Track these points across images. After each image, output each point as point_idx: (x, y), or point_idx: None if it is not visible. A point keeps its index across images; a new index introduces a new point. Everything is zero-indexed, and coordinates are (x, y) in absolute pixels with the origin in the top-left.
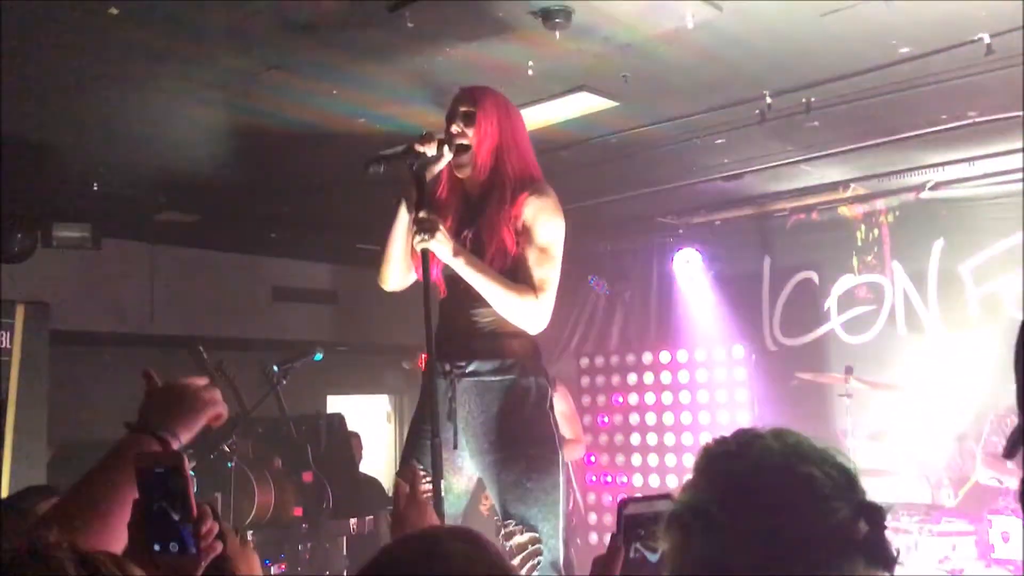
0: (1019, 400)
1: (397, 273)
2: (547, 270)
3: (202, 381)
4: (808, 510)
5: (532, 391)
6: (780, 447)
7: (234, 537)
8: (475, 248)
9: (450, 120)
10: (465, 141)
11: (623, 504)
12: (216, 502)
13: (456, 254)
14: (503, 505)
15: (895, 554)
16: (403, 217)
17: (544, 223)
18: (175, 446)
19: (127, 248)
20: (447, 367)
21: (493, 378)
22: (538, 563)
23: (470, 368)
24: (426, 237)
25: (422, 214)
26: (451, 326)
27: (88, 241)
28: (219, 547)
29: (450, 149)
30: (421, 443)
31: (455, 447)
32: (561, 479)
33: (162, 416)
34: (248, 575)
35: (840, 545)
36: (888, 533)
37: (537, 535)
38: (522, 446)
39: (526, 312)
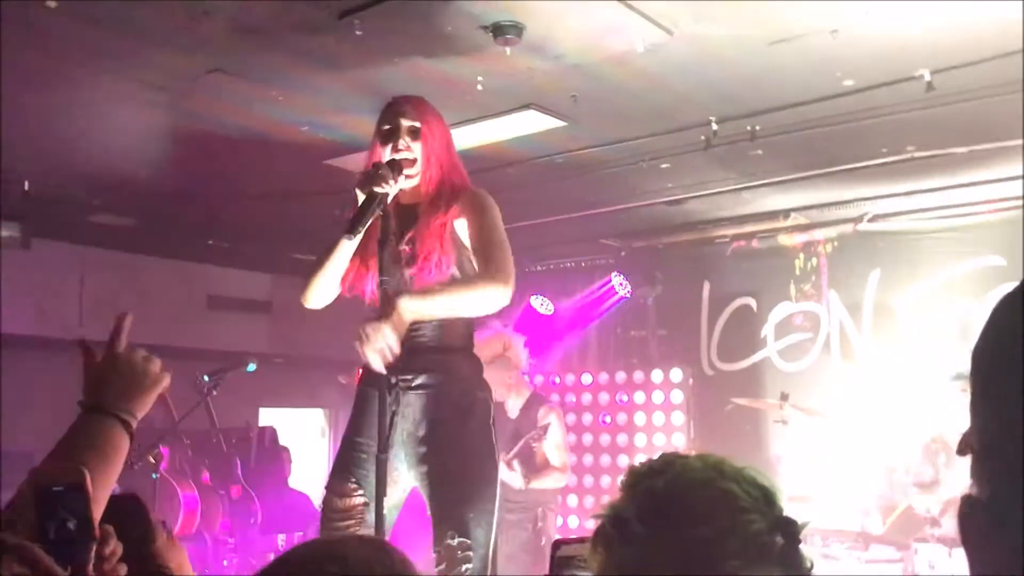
0: (971, 405)
1: (325, 295)
2: (501, 253)
3: (143, 352)
4: (724, 521)
5: (476, 404)
6: (701, 465)
7: (160, 532)
8: (412, 258)
9: (393, 134)
10: (410, 155)
11: (556, 546)
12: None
13: (410, 309)
14: (438, 511)
15: (810, 566)
16: (347, 251)
17: (480, 212)
18: (134, 426)
19: (57, 250)
20: (392, 380)
21: (438, 391)
22: (467, 570)
23: (416, 382)
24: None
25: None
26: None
27: (17, 241)
28: (123, 570)
29: (399, 171)
30: (355, 457)
31: (407, 465)
32: (497, 488)
33: (117, 394)
34: (177, 569)
35: (755, 555)
36: (817, 558)
37: (468, 541)
38: (461, 455)
39: (496, 301)
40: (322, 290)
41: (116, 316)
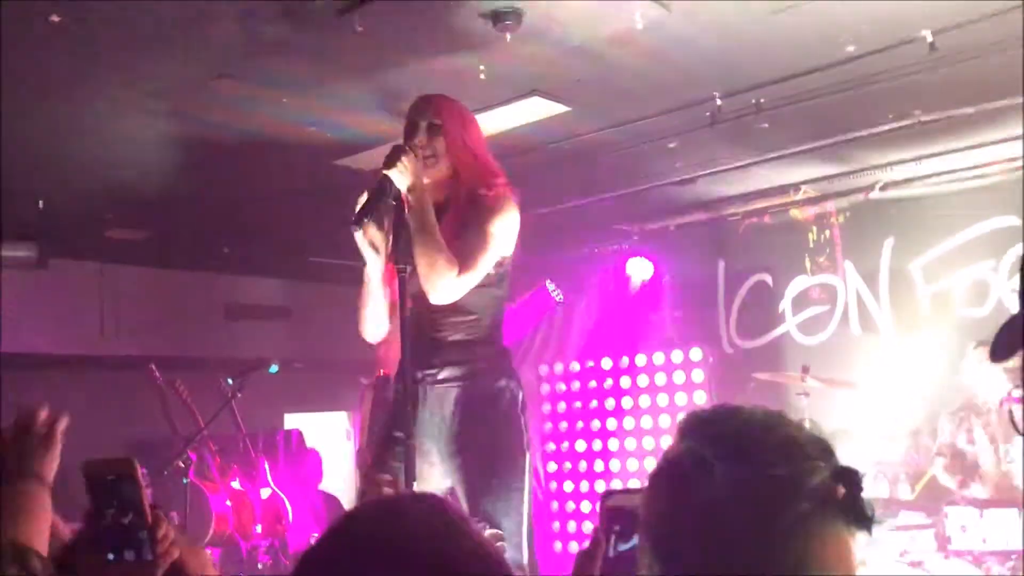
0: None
1: (380, 322)
2: (477, 252)
3: (43, 414)
4: (795, 463)
5: (504, 394)
6: (762, 414)
7: (183, 538)
8: None
9: (412, 132)
10: (428, 151)
11: (605, 496)
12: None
13: (412, 190)
14: (470, 503)
15: (872, 514)
16: (376, 271)
17: (489, 210)
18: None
19: (76, 267)
20: (418, 375)
21: (464, 383)
22: None
23: (441, 375)
24: (389, 164)
25: (396, 144)
26: (419, 336)
27: (34, 260)
28: (176, 552)
29: (416, 156)
30: (392, 451)
31: (441, 459)
32: (527, 481)
33: (38, 461)
34: (200, 569)
35: (822, 502)
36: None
37: (500, 532)
38: (491, 447)
39: (441, 281)
40: (374, 320)
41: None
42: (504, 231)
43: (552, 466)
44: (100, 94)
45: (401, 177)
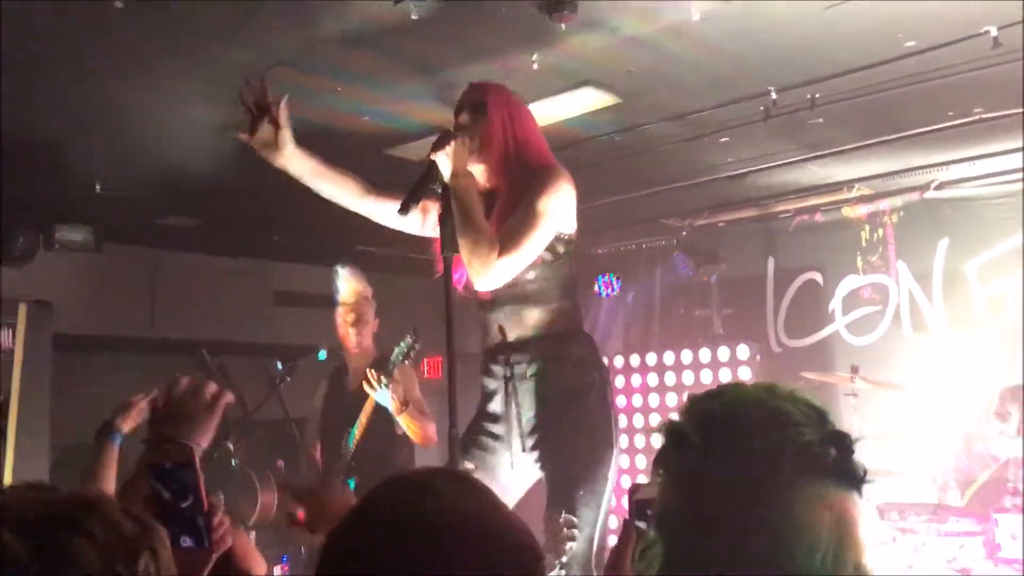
0: None
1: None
2: (521, 232)
3: (207, 387)
4: (777, 433)
5: (589, 385)
6: (754, 389)
7: (241, 533)
8: None
9: (456, 114)
10: (474, 136)
11: (634, 490)
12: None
13: (456, 175)
14: (551, 491)
15: (863, 474)
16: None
17: (536, 187)
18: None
19: (130, 252)
20: (507, 372)
21: (551, 377)
22: (570, 548)
23: (530, 371)
24: (436, 149)
25: (444, 129)
26: (496, 330)
27: (90, 244)
28: (230, 540)
29: (463, 142)
30: (476, 441)
31: (524, 450)
32: (611, 473)
33: (185, 428)
34: (255, 572)
35: (808, 465)
36: (895, 532)
37: (574, 519)
38: (579, 440)
39: (480, 266)
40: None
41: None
42: (555, 207)
43: None
44: (160, 80)
45: (448, 162)
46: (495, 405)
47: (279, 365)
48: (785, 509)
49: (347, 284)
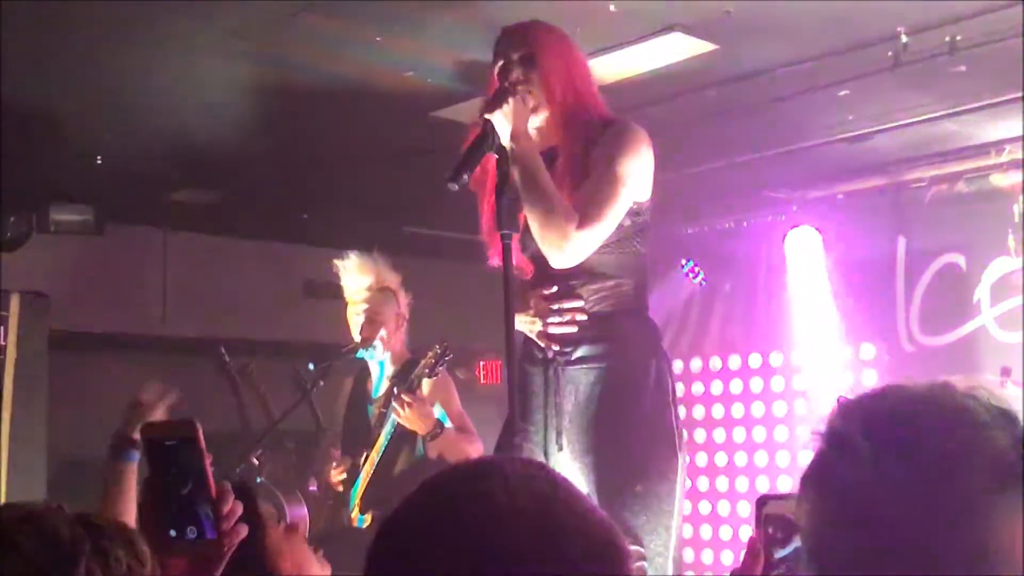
0: None
1: None
2: (602, 200)
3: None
4: (963, 435)
5: (650, 377)
6: (926, 387)
7: (276, 527)
8: None
9: (505, 70)
10: (527, 91)
11: (761, 503)
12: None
13: (516, 138)
14: (607, 513)
15: None
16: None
17: (613, 147)
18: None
19: (136, 234)
20: (549, 355)
21: (603, 364)
22: None
23: (576, 354)
24: (492, 108)
25: (499, 87)
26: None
27: (91, 225)
28: (243, 531)
29: (523, 99)
30: (512, 442)
31: (560, 449)
32: (679, 485)
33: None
34: (294, 569)
35: (1001, 476)
36: None
37: (642, 550)
38: (634, 442)
39: (561, 239)
40: None
41: None
42: (635, 170)
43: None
44: (168, 33)
45: (506, 122)
46: (533, 396)
47: (311, 366)
48: (982, 530)
49: (352, 278)
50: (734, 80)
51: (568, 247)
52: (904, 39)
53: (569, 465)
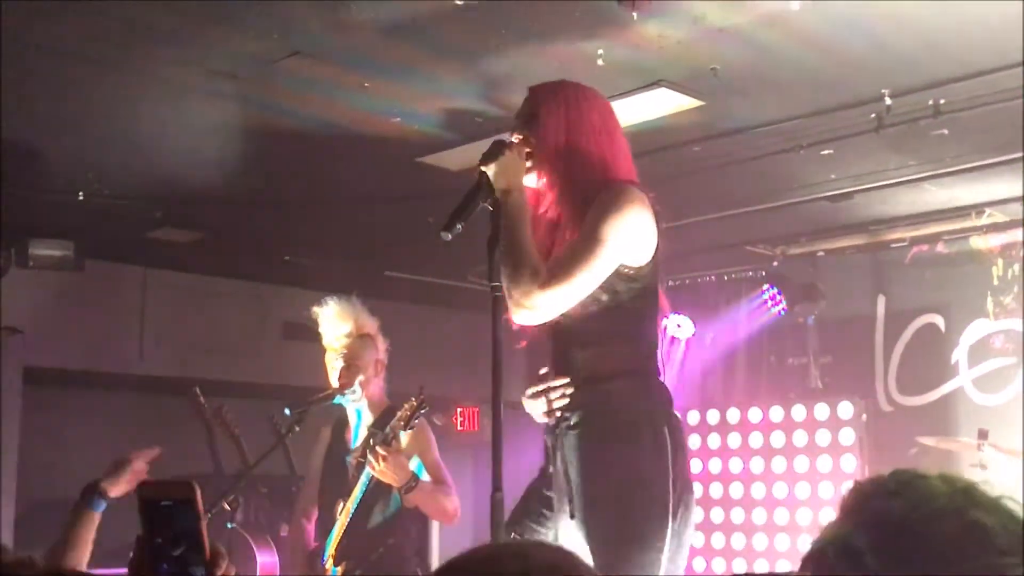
0: None
1: None
2: (571, 263)
3: None
4: (980, 563)
5: (632, 427)
6: (948, 489)
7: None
8: None
9: (515, 127)
10: (528, 150)
11: None
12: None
13: (508, 192)
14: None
15: None
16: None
17: (601, 210)
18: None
19: (115, 271)
20: (552, 423)
21: (594, 428)
22: None
23: (573, 420)
24: (487, 160)
25: (498, 138)
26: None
27: (70, 261)
28: None
29: (519, 154)
30: (526, 507)
31: (572, 516)
32: (668, 532)
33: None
34: None
35: None
36: None
37: None
38: (619, 509)
39: (519, 296)
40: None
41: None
42: (621, 233)
43: None
44: (155, 73)
45: (500, 176)
46: (548, 462)
47: (287, 411)
48: None
49: (331, 324)
50: (719, 136)
51: (529, 304)
52: (888, 101)
53: (576, 534)
